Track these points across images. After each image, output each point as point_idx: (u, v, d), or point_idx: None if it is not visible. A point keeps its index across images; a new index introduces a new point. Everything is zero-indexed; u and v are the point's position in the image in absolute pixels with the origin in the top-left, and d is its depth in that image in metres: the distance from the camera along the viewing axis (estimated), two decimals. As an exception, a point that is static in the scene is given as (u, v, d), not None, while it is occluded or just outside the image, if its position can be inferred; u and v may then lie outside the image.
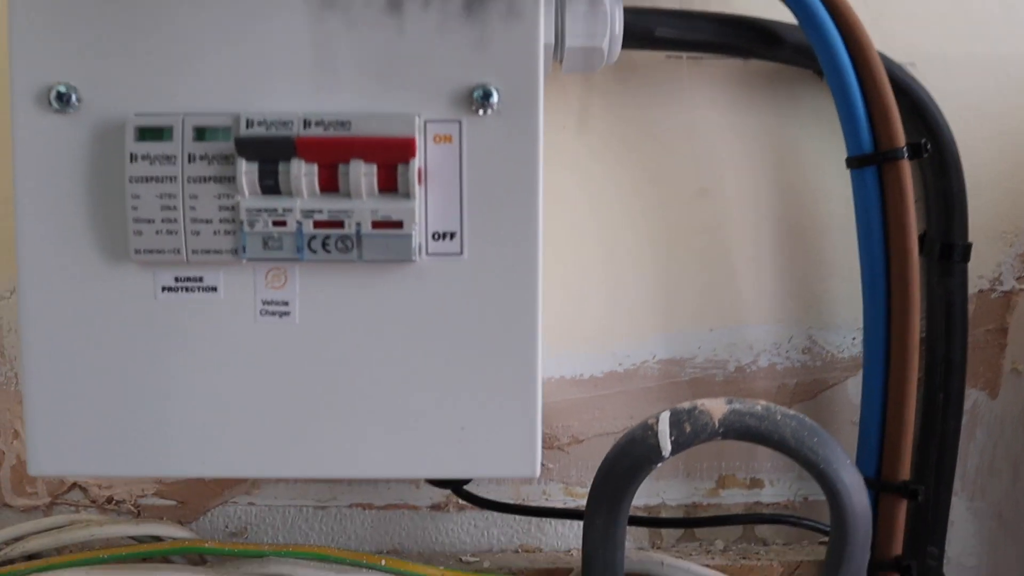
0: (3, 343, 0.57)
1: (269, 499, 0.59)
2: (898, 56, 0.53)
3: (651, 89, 0.55)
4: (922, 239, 0.52)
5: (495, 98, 0.39)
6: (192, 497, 0.58)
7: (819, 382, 0.58)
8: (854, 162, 0.50)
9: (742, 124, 0.55)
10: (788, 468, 0.59)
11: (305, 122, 0.38)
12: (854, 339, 0.58)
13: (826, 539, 0.52)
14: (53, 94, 0.39)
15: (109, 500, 0.58)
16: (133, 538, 0.55)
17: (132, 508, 0.59)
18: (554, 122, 0.54)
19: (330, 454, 0.41)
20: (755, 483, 0.60)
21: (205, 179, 0.39)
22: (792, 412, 0.47)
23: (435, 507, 0.59)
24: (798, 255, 0.57)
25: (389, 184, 0.38)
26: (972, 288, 0.56)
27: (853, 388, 0.58)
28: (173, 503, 0.59)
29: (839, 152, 0.54)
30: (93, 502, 0.58)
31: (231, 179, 0.38)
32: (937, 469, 0.54)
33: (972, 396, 0.59)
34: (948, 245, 0.53)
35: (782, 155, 0.56)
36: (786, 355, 0.58)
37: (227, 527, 0.59)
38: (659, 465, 0.47)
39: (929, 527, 0.55)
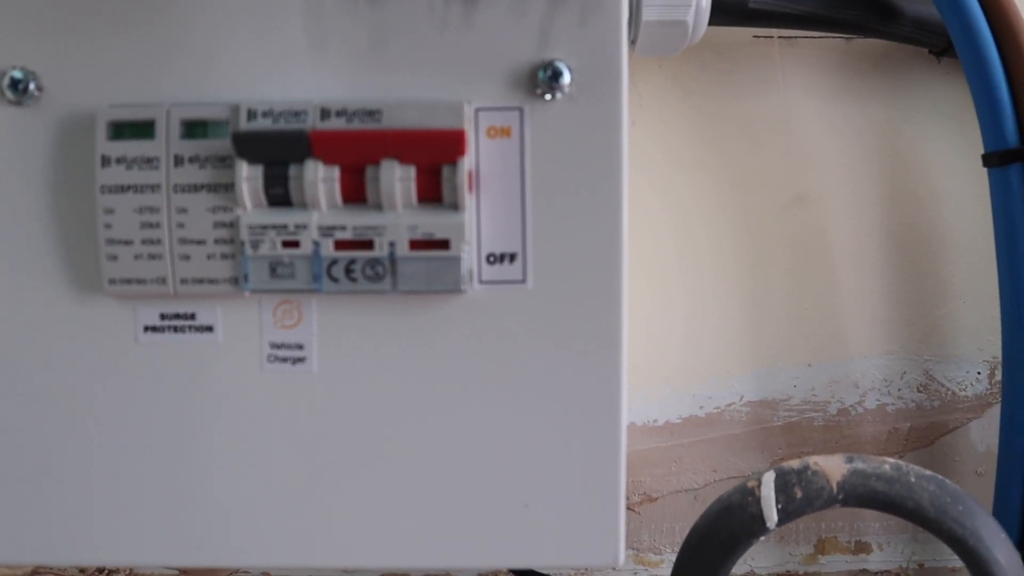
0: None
1: (286, 571, 0.51)
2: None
3: (736, 76, 0.47)
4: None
5: (566, 78, 0.30)
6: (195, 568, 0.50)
7: (937, 426, 0.50)
8: (994, 159, 0.42)
9: (844, 117, 0.48)
10: (900, 528, 0.51)
11: (323, 112, 0.30)
12: (979, 374, 0.50)
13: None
14: (6, 81, 0.31)
15: (100, 570, 0.51)
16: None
17: None
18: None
19: (357, 539, 0.32)
20: (861, 547, 0.51)
21: (196, 188, 0.31)
22: (929, 473, 0.39)
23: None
24: (913, 274, 0.49)
25: (431, 192, 0.30)
26: None
27: (977, 432, 0.50)
28: (175, 573, 0.51)
29: (965, 150, 0.47)
30: (83, 571, 0.51)
31: (229, 187, 0.30)
32: (1093, 534, 0.45)
33: None
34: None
35: (893, 153, 0.48)
36: (898, 394, 0.50)
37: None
38: (763, 539, 0.38)
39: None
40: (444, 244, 0.30)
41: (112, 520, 0.32)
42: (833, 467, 0.39)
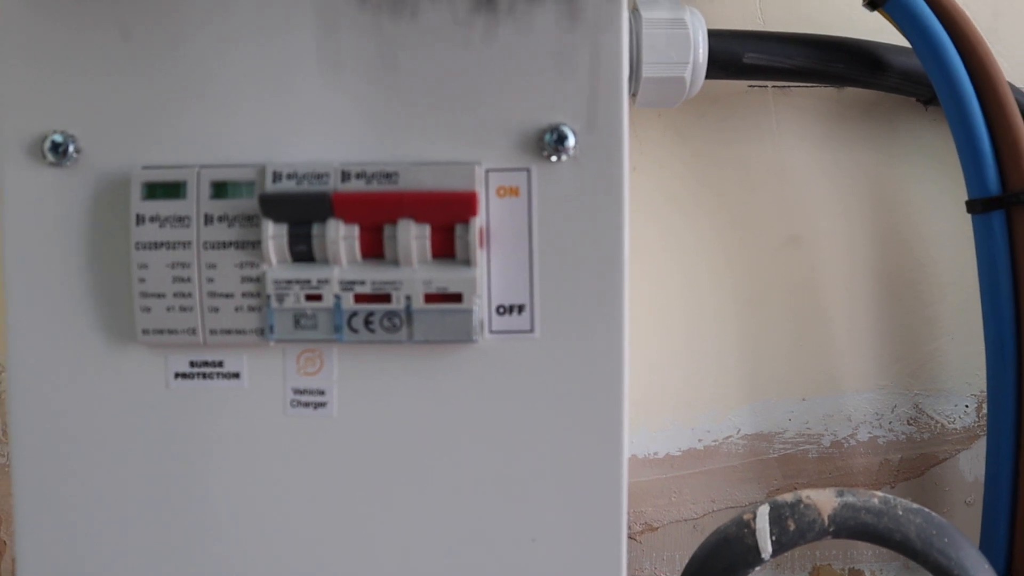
0: (5, 422, 0.51)
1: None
2: (1015, 80, 0.46)
3: (732, 123, 0.49)
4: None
5: (571, 141, 0.32)
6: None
7: (927, 457, 0.51)
8: (977, 206, 0.44)
9: (836, 162, 0.49)
10: (892, 557, 0.52)
11: (344, 174, 0.32)
12: (967, 407, 0.51)
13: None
14: (48, 144, 0.33)
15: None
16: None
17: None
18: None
19: (375, 573, 0.34)
20: (854, 575, 0.52)
21: (225, 245, 0.32)
22: (916, 506, 0.41)
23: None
24: (902, 312, 0.51)
25: (445, 249, 0.32)
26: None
27: (966, 463, 0.52)
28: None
29: (952, 193, 0.48)
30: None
31: (255, 244, 0.32)
32: (1077, 563, 0.46)
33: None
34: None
35: (882, 197, 0.50)
36: (889, 427, 0.51)
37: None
38: (758, 569, 0.40)
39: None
40: (457, 297, 0.32)
41: (140, 554, 0.34)
42: (825, 500, 0.41)
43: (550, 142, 0.32)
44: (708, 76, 0.42)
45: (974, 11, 0.47)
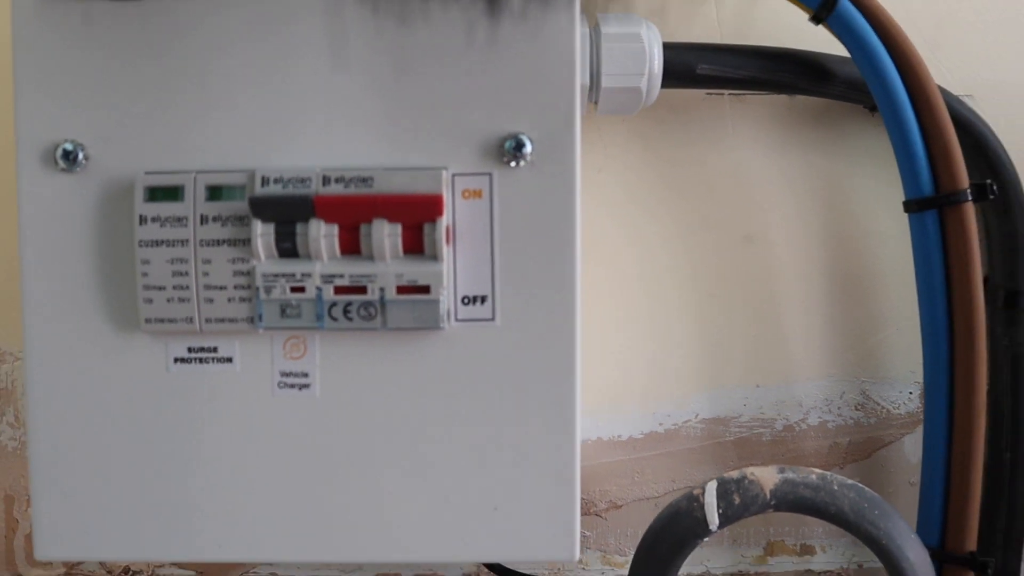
0: (18, 407, 0.55)
1: (292, 568, 0.56)
2: (954, 88, 0.50)
3: (691, 128, 0.52)
4: (984, 285, 0.48)
5: (528, 148, 0.36)
6: (212, 567, 0.56)
7: (874, 440, 0.55)
8: (912, 205, 0.47)
9: (789, 165, 0.53)
10: (841, 533, 0.54)
11: (324, 179, 0.36)
12: (911, 394, 0.54)
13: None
14: (59, 152, 0.37)
15: (126, 570, 0.56)
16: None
17: None
18: (590, 163, 0.51)
19: (353, 537, 0.38)
20: (806, 550, 0.56)
21: (218, 242, 0.36)
22: (850, 482, 0.44)
23: None
24: (850, 305, 0.54)
25: (415, 245, 0.36)
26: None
27: (910, 446, 0.55)
28: (192, 573, 0.56)
29: (895, 194, 0.51)
30: (109, 572, 0.56)
31: (246, 242, 0.36)
32: (1006, 538, 0.50)
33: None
34: (1013, 292, 0.50)
35: (832, 198, 0.53)
36: (838, 412, 0.54)
37: (246, 594, 0.57)
38: (706, 540, 0.44)
39: (1000, 601, 0.50)
40: (426, 289, 0.36)
41: (144, 520, 0.38)
42: (767, 477, 0.44)
43: (509, 149, 0.36)
44: (664, 85, 0.45)
45: (918, 22, 0.51)
